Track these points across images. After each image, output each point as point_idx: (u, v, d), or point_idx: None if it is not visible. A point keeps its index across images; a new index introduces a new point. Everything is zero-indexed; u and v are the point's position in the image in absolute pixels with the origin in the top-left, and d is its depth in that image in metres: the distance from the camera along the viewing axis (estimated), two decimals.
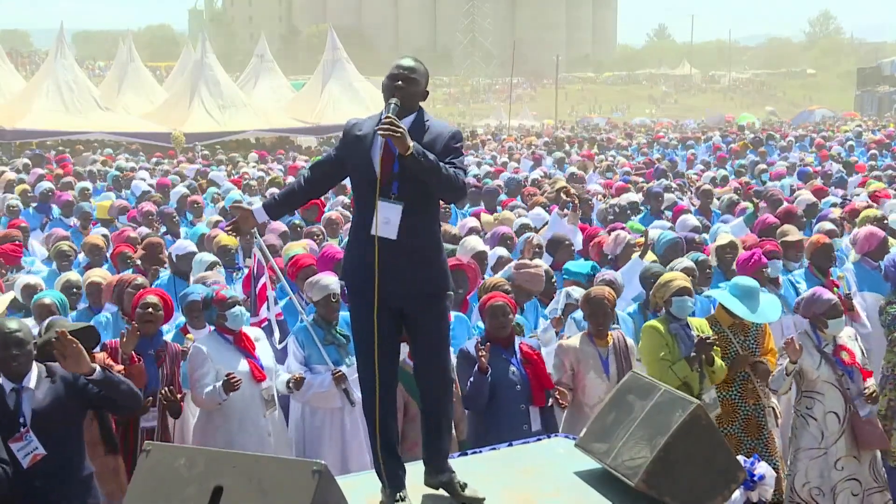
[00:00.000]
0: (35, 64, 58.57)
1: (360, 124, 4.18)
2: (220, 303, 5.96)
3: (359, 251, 4.10)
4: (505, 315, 5.74)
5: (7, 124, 29.52)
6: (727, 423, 6.10)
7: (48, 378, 4.56)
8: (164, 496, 3.40)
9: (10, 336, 4.43)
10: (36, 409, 4.46)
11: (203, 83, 33.47)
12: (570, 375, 5.85)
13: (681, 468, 4.01)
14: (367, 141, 4.09)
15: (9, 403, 4.42)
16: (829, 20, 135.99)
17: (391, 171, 4.02)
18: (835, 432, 5.91)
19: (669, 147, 27.04)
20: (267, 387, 5.97)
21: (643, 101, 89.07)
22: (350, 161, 4.17)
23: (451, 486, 4.16)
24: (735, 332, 6.20)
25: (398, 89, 4.05)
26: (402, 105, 4.04)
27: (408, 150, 3.91)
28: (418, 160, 3.93)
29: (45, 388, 4.53)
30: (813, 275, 7.75)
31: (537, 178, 16.81)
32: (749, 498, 4.42)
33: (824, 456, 5.92)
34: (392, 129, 3.88)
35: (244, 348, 5.97)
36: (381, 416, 4.14)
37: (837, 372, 5.92)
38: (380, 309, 4.05)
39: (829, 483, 5.90)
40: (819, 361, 5.94)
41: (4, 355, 4.42)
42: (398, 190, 4.01)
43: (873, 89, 57.21)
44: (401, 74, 4.08)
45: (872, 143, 23.86)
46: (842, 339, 6.05)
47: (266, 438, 5.85)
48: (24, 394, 4.46)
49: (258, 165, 22.19)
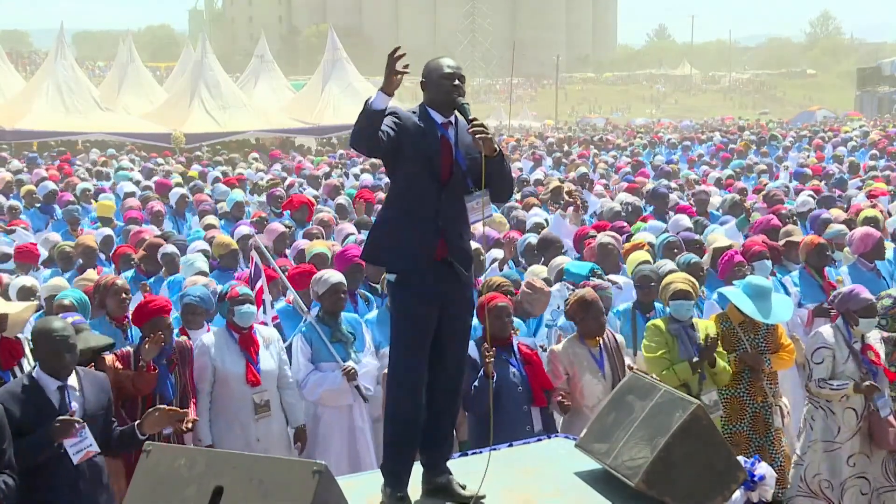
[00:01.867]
0: (35, 64, 58.48)
1: (410, 117, 4.13)
2: (232, 298, 6.03)
3: (425, 236, 4.08)
4: (508, 316, 5.76)
5: (7, 125, 29.52)
6: (736, 420, 6.13)
7: (87, 378, 4.67)
8: (164, 496, 3.40)
9: (57, 335, 4.49)
10: (85, 405, 4.54)
11: (203, 83, 33.46)
12: (566, 380, 5.83)
13: (681, 469, 4.01)
14: (430, 137, 4.09)
15: (53, 400, 4.48)
16: (829, 20, 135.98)
17: (459, 168, 4.11)
18: (851, 428, 5.92)
19: (669, 147, 27.02)
20: (262, 391, 5.95)
21: (643, 102, 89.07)
22: (409, 150, 4.06)
23: (450, 487, 4.17)
24: (745, 330, 6.23)
25: (459, 89, 4.13)
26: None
27: (495, 151, 4.03)
28: (503, 161, 4.11)
29: (87, 387, 4.62)
30: (809, 275, 7.74)
31: (537, 178, 16.83)
32: (749, 498, 4.42)
33: (838, 450, 5.94)
34: (485, 130, 4.01)
35: (246, 349, 5.97)
36: (412, 411, 4.15)
37: (862, 369, 5.92)
38: (434, 293, 4.08)
39: (839, 478, 5.92)
40: (847, 356, 5.95)
41: (52, 354, 4.48)
42: (473, 184, 4.13)
43: (873, 89, 57.22)
44: (458, 74, 4.16)
45: (874, 143, 23.84)
46: (870, 339, 6.06)
47: (254, 443, 5.82)
48: (70, 392, 4.52)
49: (255, 165, 22.17)
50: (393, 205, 4.25)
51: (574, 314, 5.98)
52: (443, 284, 4.09)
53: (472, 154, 4.12)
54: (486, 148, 4.02)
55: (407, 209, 4.13)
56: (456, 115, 4.17)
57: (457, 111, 4.14)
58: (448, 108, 4.14)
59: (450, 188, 4.09)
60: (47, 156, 25.07)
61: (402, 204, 4.16)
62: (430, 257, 4.07)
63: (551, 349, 6.07)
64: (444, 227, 4.07)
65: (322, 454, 6.09)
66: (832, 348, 5.93)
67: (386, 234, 4.21)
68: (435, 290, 4.08)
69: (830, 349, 5.93)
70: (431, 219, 4.06)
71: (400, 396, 4.15)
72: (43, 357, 4.52)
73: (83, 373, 4.69)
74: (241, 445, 5.70)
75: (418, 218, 4.08)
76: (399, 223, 4.15)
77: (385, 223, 4.24)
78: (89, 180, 17.35)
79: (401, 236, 4.13)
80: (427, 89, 4.19)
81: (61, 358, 4.48)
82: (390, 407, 4.23)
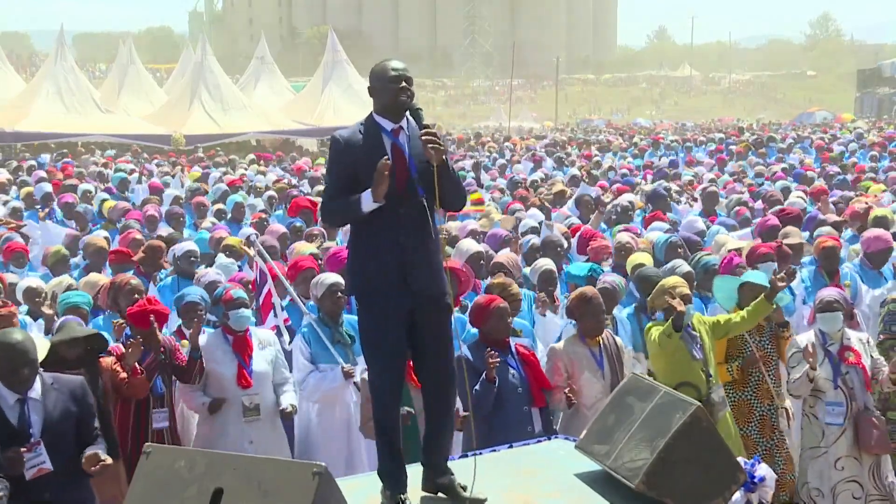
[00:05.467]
0: (35, 66, 58.50)
1: (354, 136, 4.06)
2: (226, 302, 6.05)
3: (384, 256, 4.00)
4: (509, 316, 5.75)
5: (7, 126, 29.53)
6: (743, 423, 6.15)
7: (53, 387, 4.51)
8: (164, 498, 3.40)
9: (15, 349, 4.36)
10: (46, 419, 4.41)
11: (203, 85, 33.50)
12: (566, 378, 5.83)
13: (681, 470, 4.01)
14: (378, 151, 3.97)
15: (10, 416, 4.36)
16: (829, 22, 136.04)
17: (410, 176, 4.01)
18: (835, 431, 5.90)
19: (670, 148, 27.00)
20: (253, 394, 5.95)
21: (643, 103, 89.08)
22: (363, 173, 3.97)
23: (451, 489, 4.16)
24: (751, 332, 6.24)
25: (407, 91, 4.02)
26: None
27: (443, 161, 3.94)
28: (450, 170, 4.01)
29: (52, 398, 4.47)
30: (822, 276, 7.76)
31: (536, 179, 16.84)
32: (749, 500, 4.41)
33: (825, 455, 5.92)
34: (437, 139, 3.92)
35: (239, 352, 5.99)
36: (393, 419, 4.16)
37: (839, 371, 5.92)
38: (398, 314, 4.02)
39: (828, 483, 5.88)
40: (823, 359, 5.96)
41: (9, 368, 4.35)
42: (424, 192, 4.01)
43: (873, 91, 57.23)
44: (404, 76, 4.03)
45: (874, 145, 23.83)
46: (849, 341, 6.06)
47: (245, 445, 5.82)
48: (31, 404, 4.40)
49: (255, 166, 22.17)
50: (355, 227, 4.18)
51: (574, 311, 5.98)
52: (406, 299, 4.01)
53: (423, 159, 4.01)
54: (436, 159, 3.92)
55: (367, 229, 4.05)
56: (407, 119, 4.08)
57: (408, 114, 4.05)
58: (397, 113, 4.05)
59: (407, 196, 3.99)
60: (57, 155, 25.10)
61: (362, 225, 4.08)
62: (391, 277, 4.00)
63: (551, 347, 6.08)
64: (404, 240, 3.98)
65: (320, 457, 6.11)
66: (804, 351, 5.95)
67: (351, 258, 4.18)
68: (398, 310, 4.02)
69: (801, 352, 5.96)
70: (392, 232, 3.99)
71: (376, 404, 4.18)
72: (1, 371, 4.37)
73: (52, 381, 4.53)
74: (234, 447, 5.66)
75: (379, 234, 4.02)
76: (359, 244, 4.12)
77: (350, 247, 4.21)
78: (92, 182, 17.38)
79: (362, 259, 4.09)
80: (375, 95, 4.09)
81: (18, 372, 4.35)
82: (373, 412, 4.26)
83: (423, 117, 4.04)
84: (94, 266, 8.80)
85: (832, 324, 6.03)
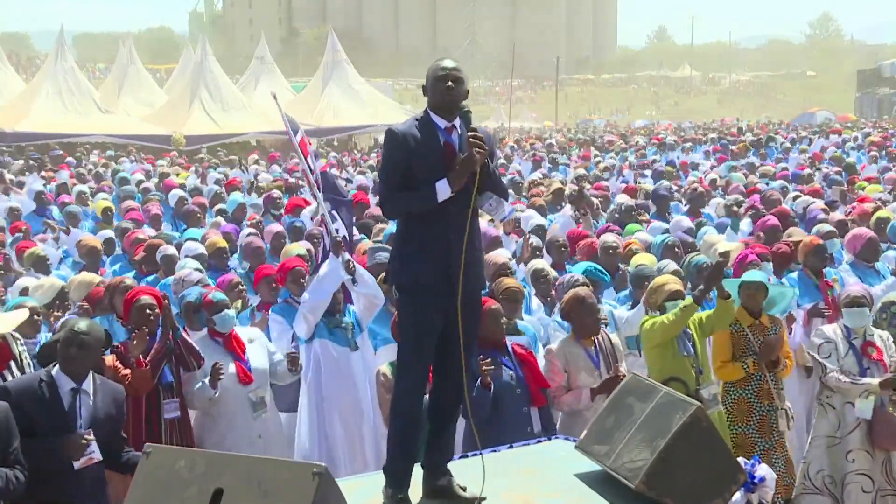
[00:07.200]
0: (35, 66, 58.49)
1: (410, 130, 4.06)
2: (207, 307, 6.02)
3: (432, 252, 4.02)
4: (501, 318, 5.73)
5: (7, 126, 29.53)
6: (742, 422, 6.17)
7: (101, 387, 4.69)
8: (164, 498, 3.40)
9: (76, 336, 4.55)
10: (93, 414, 4.57)
11: (203, 85, 33.55)
12: (566, 378, 5.83)
13: (681, 470, 4.01)
14: (433, 147, 4.01)
15: (64, 402, 4.53)
16: (830, 22, 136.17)
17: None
18: (851, 423, 5.98)
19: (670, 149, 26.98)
20: (255, 389, 5.98)
21: (644, 103, 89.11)
22: (417, 167, 4.01)
23: (451, 489, 4.17)
24: (754, 332, 6.27)
25: (454, 91, 4.03)
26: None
27: (485, 164, 3.97)
28: (492, 174, 4.05)
29: (100, 396, 4.64)
30: (807, 276, 7.75)
31: (535, 179, 16.83)
32: (749, 500, 4.42)
33: (839, 445, 6.00)
34: (482, 144, 3.95)
35: (233, 350, 6.01)
36: (416, 416, 4.16)
37: (863, 364, 6.00)
38: (438, 312, 4.04)
39: (840, 473, 5.96)
40: (847, 351, 6.06)
41: (67, 353, 4.54)
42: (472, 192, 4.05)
43: (873, 91, 57.23)
44: (452, 75, 4.04)
45: (872, 144, 23.83)
46: (873, 337, 6.14)
47: (256, 440, 5.88)
48: (82, 397, 4.57)
49: (254, 166, 22.16)
50: (405, 221, 4.19)
51: (569, 313, 6.00)
52: (448, 298, 4.02)
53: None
54: (479, 161, 3.95)
55: (418, 224, 4.08)
56: (459, 119, 4.11)
57: (459, 117, 4.09)
58: (447, 111, 4.08)
59: (459, 195, 4.00)
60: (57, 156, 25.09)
61: (413, 220, 4.11)
62: (438, 274, 4.02)
63: (548, 348, 6.09)
64: (454, 237, 4.00)
65: (324, 456, 6.15)
66: (833, 342, 6.10)
67: (397, 250, 4.20)
68: (439, 308, 4.04)
69: (832, 343, 6.10)
70: (443, 229, 4.01)
71: (403, 398, 4.15)
72: (62, 357, 4.59)
73: (101, 381, 4.74)
74: (245, 444, 5.75)
75: (429, 230, 4.04)
76: (408, 238, 4.12)
77: (397, 239, 4.24)
78: (87, 182, 17.37)
79: (411, 253, 4.09)
80: (427, 93, 4.13)
81: (73, 358, 4.55)
82: (395, 403, 4.21)
83: (472, 120, 4.08)
84: (89, 267, 8.83)
85: (859, 319, 6.13)
